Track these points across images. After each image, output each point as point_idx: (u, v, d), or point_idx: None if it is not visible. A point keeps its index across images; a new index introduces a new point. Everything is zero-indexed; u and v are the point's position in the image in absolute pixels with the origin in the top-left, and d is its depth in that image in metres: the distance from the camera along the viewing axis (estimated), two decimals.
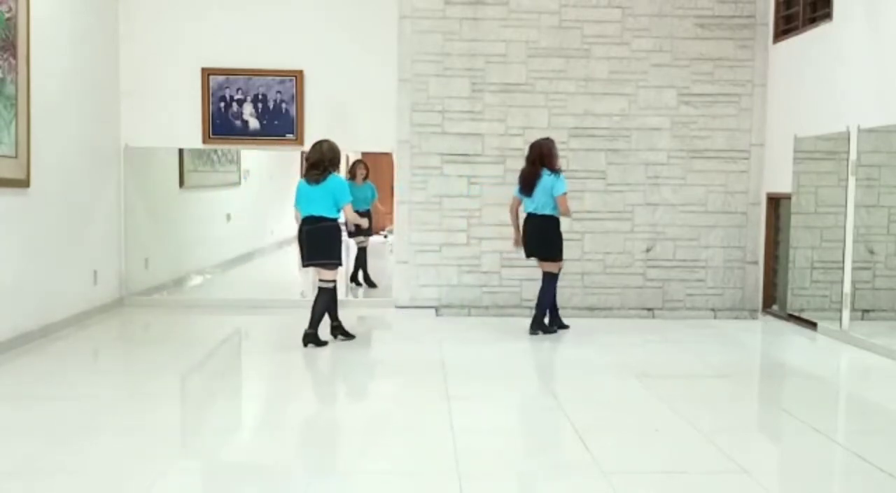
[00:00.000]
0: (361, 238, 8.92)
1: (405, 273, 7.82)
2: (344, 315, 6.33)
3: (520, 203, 6.61)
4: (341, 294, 6.65)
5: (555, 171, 6.38)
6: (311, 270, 6.30)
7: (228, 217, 10.74)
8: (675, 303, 7.87)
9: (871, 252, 6.70)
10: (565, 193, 6.37)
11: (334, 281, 6.08)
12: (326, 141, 6.04)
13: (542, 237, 6.46)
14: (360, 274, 9.14)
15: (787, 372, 6.02)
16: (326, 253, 5.94)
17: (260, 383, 5.42)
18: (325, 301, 6.01)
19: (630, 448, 3.94)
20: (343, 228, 6.49)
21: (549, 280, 6.55)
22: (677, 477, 3.57)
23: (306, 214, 5.93)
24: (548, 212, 6.38)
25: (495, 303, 7.73)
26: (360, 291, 9.09)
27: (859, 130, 6.40)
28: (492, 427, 4.34)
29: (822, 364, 6.13)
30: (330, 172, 5.92)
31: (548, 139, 6.56)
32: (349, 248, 8.63)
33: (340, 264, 6.19)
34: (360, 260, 9.09)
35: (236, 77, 7.78)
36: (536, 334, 6.56)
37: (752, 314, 7.82)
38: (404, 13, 7.67)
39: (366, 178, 9.01)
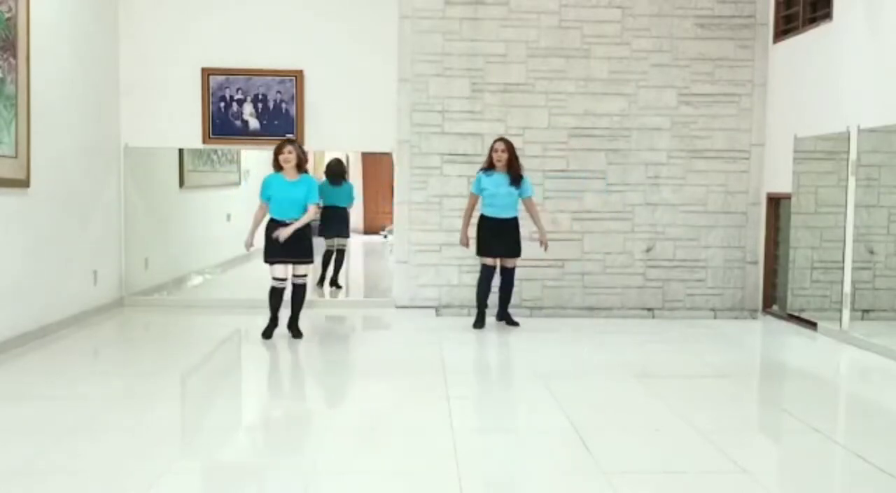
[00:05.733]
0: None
1: (405, 273, 7.81)
2: (345, 316, 6.31)
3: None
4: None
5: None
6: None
7: (228, 217, 10.73)
8: (675, 303, 7.87)
9: (871, 252, 6.69)
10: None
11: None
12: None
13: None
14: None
15: (787, 372, 6.02)
16: None
17: (259, 383, 5.42)
18: None
19: (630, 448, 3.93)
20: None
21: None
22: (677, 477, 3.57)
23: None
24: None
25: (494, 303, 7.72)
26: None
27: (859, 130, 6.40)
28: (492, 427, 4.34)
29: (822, 364, 6.13)
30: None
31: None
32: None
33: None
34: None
35: (236, 77, 7.77)
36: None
37: (752, 314, 7.82)
38: (404, 13, 7.67)
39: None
